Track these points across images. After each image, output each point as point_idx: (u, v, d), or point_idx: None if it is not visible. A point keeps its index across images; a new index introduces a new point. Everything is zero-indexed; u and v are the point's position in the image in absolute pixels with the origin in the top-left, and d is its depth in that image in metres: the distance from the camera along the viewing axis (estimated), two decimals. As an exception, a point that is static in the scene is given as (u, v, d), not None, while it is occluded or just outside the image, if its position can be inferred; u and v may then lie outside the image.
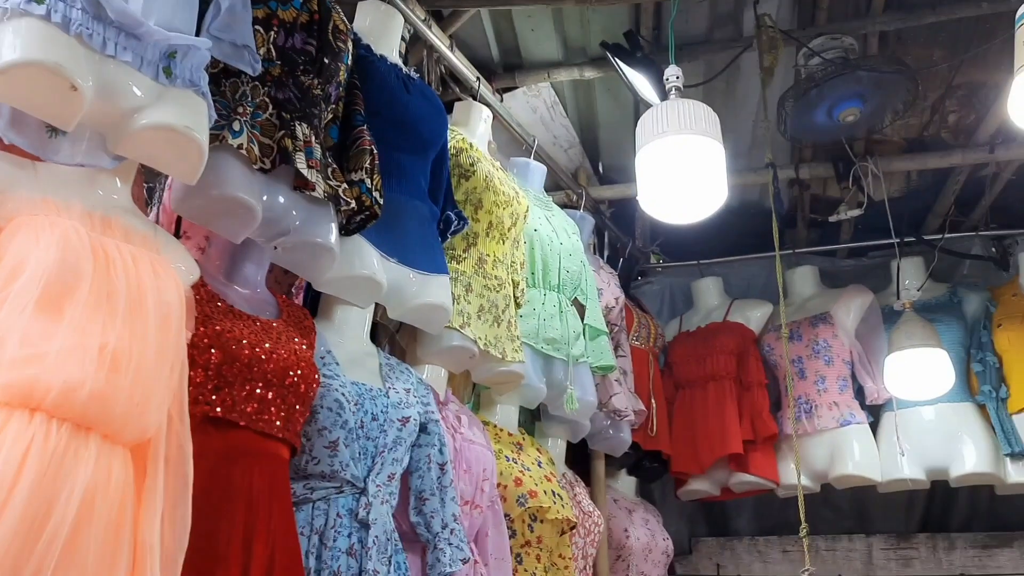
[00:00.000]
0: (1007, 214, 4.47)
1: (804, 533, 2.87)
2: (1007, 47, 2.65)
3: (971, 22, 3.30)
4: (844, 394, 4.22)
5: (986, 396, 4.10)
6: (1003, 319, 4.18)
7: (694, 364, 4.40)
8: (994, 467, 4.01)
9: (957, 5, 3.21)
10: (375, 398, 2.26)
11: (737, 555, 4.80)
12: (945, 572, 4.53)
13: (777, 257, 3.03)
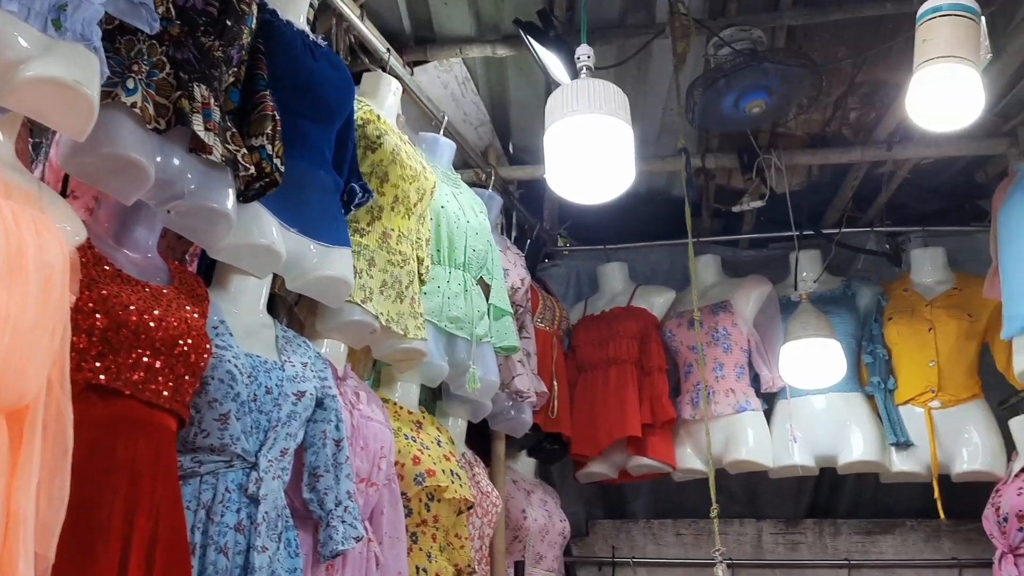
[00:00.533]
0: (901, 212, 4.62)
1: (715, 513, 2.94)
2: (909, 47, 2.73)
3: (875, 21, 3.38)
4: (741, 381, 4.31)
5: (875, 387, 4.25)
6: (894, 313, 4.33)
7: (597, 347, 4.44)
8: (880, 456, 4.16)
9: (862, 4, 3.29)
10: (270, 371, 2.21)
11: (632, 537, 4.87)
12: (830, 557, 4.68)
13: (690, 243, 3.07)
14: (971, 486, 4.08)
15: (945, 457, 4.11)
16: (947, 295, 4.28)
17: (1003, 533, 3.55)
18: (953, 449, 4.10)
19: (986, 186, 4.25)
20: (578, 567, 4.85)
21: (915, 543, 4.66)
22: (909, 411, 4.19)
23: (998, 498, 3.66)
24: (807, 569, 4.69)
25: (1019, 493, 3.54)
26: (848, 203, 4.47)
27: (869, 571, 4.58)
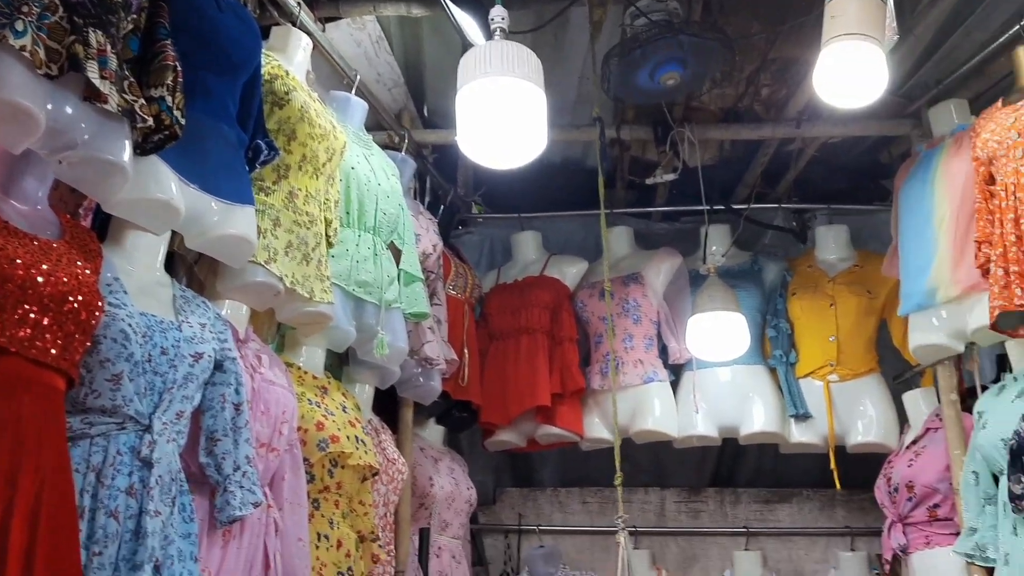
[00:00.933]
0: (809, 189, 4.72)
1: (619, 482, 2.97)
2: (820, 24, 2.77)
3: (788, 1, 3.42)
4: (649, 352, 4.36)
5: (777, 360, 4.35)
6: (797, 289, 4.43)
7: (509, 316, 4.44)
8: (780, 427, 4.26)
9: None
10: (166, 331, 2.13)
11: (539, 505, 4.92)
12: (730, 524, 4.80)
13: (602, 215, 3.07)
14: (865, 457, 4.23)
15: (841, 429, 4.23)
16: (849, 272, 4.39)
17: (893, 503, 3.68)
18: (849, 421, 4.22)
19: (890, 166, 4.37)
20: (485, 534, 4.88)
21: (811, 512, 4.81)
22: (809, 384, 4.30)
23: (890, 469, 3.79)
24: (707, 536, 4.81)
25: (909, 464, 3.67)
26: (758, 179, 4.54)
27: (766, 539, 4.72)
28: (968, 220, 3.29)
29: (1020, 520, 2.92)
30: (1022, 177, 2.96)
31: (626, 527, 3.02)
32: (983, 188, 3.18)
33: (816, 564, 4.65)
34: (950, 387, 3.54)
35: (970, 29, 3.61)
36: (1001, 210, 3.03)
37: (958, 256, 3.33)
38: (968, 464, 3.27)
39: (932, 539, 3.55)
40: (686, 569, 4.74)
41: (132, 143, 1.96)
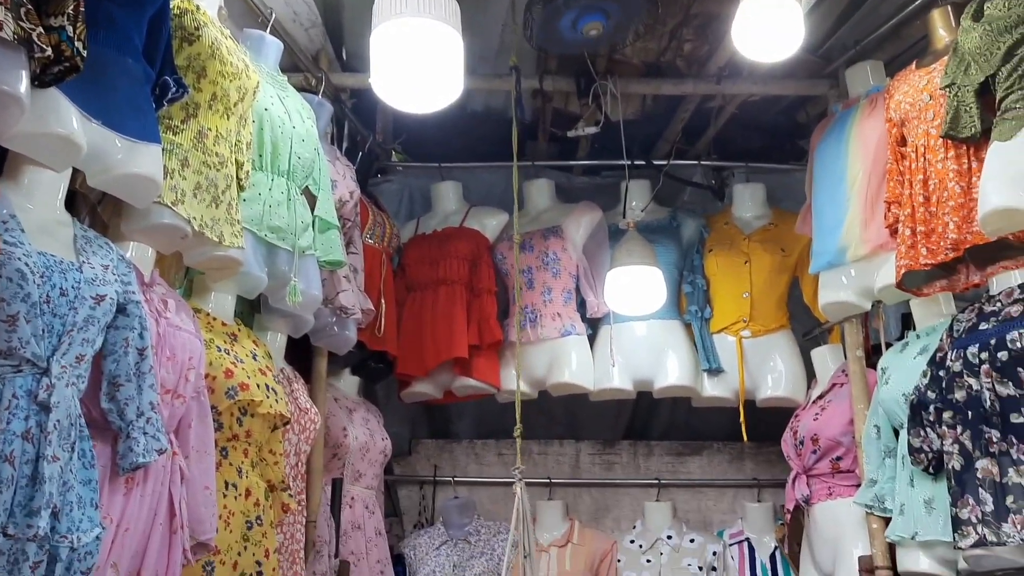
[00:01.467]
0: (728, 146, 4.76)
1: (518, 433, 2.96)
2: (742, -22, 2.77)
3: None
4: (568, 306, 4.38)
5: (692, 315, 4.41)
6: (714, 245, 4.48)
7: (427, 267, 4.40)
8: (693, 381, 4.33)
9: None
10: (65, 272, 2.05)
11: (455, 457, 4.93)
12: (643, 476, 4.89)
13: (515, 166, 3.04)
14: (774, 411, 4.33)
15: (752, 383, 4.32)
16: (764, 230, 4.45)
17: (799, 455, 3.78)
18: (759, 376, 4.31)
19: (807, 126, 4.42)
20: (400, 485, 4.88)
21: (720, 464, 4.92)
22: (722, 339, 4.37)
23: (796, 422, 3.88)
24: (620, 488, 4.88)
25: (815, 418, 3.77)
26: (678, 135, 4.56)
27: (677, 490, 4.81)
28: (880, 180, 3.36)
29: (917, 472, 3.03)
30: (932, 139, 3.03)
31: (522, 478, 3.03)
32: (895, 149, 3.25)
33: (724, 515, 4.77)
34: (856, 344, 3.63)
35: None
36: (911, 171, 3.10)
37: (869, 216, 3.40)
38: (870, 418, 3.37)
39: (834, 490, 3.65)
40: (599, 519, 4.81)
41: (29, 74, 1.87)
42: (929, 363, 3.04)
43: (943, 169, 2.97)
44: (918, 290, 3.16)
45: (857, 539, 3.45)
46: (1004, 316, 2.82)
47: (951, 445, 2.84)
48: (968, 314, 3.01)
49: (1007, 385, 2.72)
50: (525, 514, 3.08)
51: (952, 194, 2.92)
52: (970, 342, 2.87)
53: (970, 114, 2.88)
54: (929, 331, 3.27)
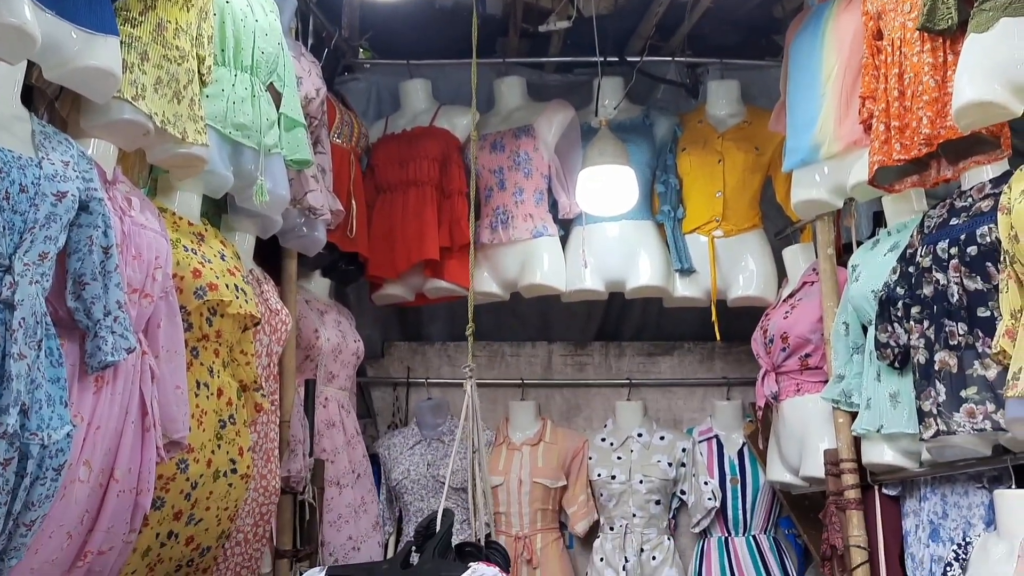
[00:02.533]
0: (702, 43, 4.67)
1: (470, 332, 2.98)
2: None
3: None
4: (539, 207, 4.35)
5: (665, 216, 4.39)
6: (687, 144, 4.44)
7: (396, 168, 4.34)
8: (664, 281, 4.34)
9: None
10: (24, 168, 1.99)
11: (428, 359, 4.95)
12: (614, 376, 4.94)
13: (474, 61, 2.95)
14: (745, 310, 4.36)
15: (724, 283, 4.34)
16: (738, 128, 4.41)
17: (768, 353, 3.83)
18: (731, 276, 4.33)
19: (783, 20, 4.34)
20: (373, 387, 4.91)
21: (691, 363, 4.97)
22: (694, 239, 4.36)
23: (767, 321, 3.92)
24: (591, 388, 4.94)
25: (785, 316, 3.80)
26: (652, 31, 4.46)
27: (647, 390, 4.87)
28: (855, 75, 3.31)
29: (884, 367, 3.08)
30: (908, 32, 2.97)
31: (473, 376, 3.07)
32: (871, 43, 3.19)
33: (694, 413, 4.85)
34: (828, 242, 3.64)
35: None
36: (886, 65, 3.05)
37: (843, 111, 3.36)
38: (840, 315, 3.40)
39: (802, 387, 3.71)
40: (570, 419, 4.88)
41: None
42: (899, 259, 3.06)
43: (919, 63, 2.93)
44: (890, 186, 3.15)
45: (823, 434, 3.52)
46: (975, 211, 2.83)
47: (917, 339, 2.88)
48: (939, 210, 3.02)
49: (975, 279, 2.74)
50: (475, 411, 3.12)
51: (927, 88, 2.89)
52: (940, 237, 2.88)
53: (947, 5, 2.82)
54: (900, 228, 3.28)
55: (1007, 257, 2.59)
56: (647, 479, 4.39)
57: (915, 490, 3.12)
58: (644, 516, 4.39)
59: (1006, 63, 2.57)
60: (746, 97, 4.51)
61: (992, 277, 2.69)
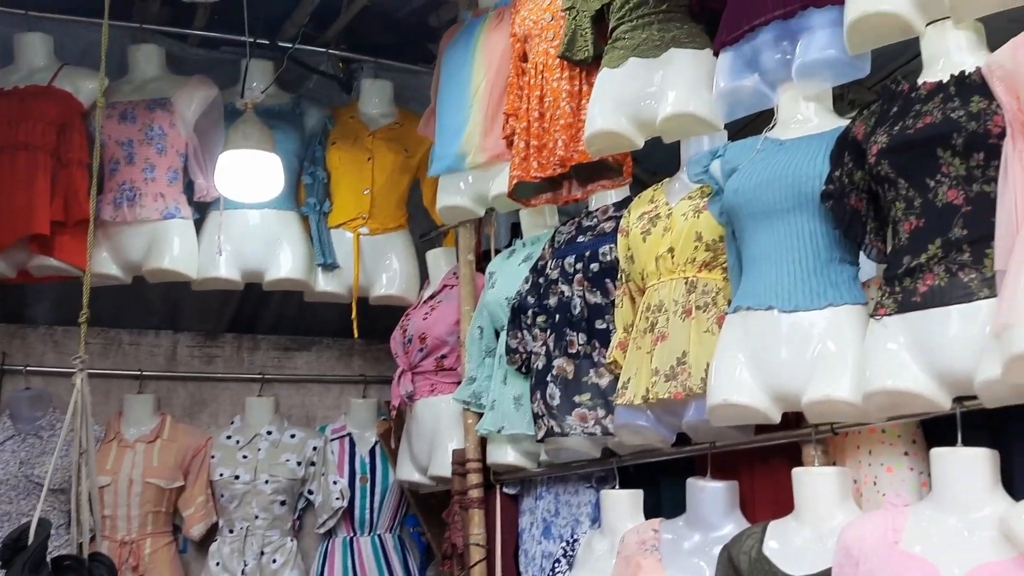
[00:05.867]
0: (359, 39, 4.61)
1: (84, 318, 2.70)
2: None
3: None
4: (173, 186, 4.04)
5: (310, 208, 4.28)
6: (338, 138, 4.37)
7: (5, 128, 3.80)
8: (306, 275, 4.23)
9: None
10: None
11: (29, 344, 4.41)
12: (246, 371, 4.74)
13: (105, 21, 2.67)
14: (386, 309, 4.37)
15: (367, 281, 4.31)
16: (389, 128, 4.42)
17: (406, 352, 3.87)
18: (375, 274, 4.32)
19: (438, 29, 4.40)
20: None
21: (328, 360, 4.90)
22: (340, 235, 4.30)
23: (407, 321, 3.95)
24: (220, 382, 4.70)
25: (425, 317, 3.86)
26: (306, 19, 4.32)
27: (281, 385, 4.73)
28: (501, 92, 3.44)
29: (511, 371, 3.22)
30: (550, 58, 3.14)
31: (84, 368, 2.79)
32: (517, 64, 3.33)
33: (328, 410, 4.78)
34: (468, 248, 3.74)
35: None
36: (529, 87, 3.20)
37: (489, 125, 3.48)
38: (476, 319, 3.51)
39: (436, 387, 3.79)
40: (194, 415, 4.60)
41: None
42: (531, 270, 3.22)
43: (558, 88, 3.10)
44: (527, 201, 3.30)
45: (453, 434, 3.61)
46: (599, 231, 3.04)
47: (540, 347, 3.04)
48: (569, 227, 3.21)
49: (596, 294, 2.94)
50: (84, 407, 2.83)
51: (564, 113, 3.06)
52: (568, 252, 3.06)
53: (585, 38, 3.01)
54: (534, 240, 3.45)
55: (623, 275, 2.81)
56: (273, 479, 4.25)
57: (532, 489, 3.29)
58: (267, 517, 4.24)
59: (633, 99, 2.79)
60: (399, 99, 4.52)
61: (610, 292, 2.90)
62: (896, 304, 2.03)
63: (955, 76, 2.07)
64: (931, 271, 1.97)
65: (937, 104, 2.04)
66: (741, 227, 2.43)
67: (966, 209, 1.95)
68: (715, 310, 2.53)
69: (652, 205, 2.79)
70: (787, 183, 2.33)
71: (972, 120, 1.95)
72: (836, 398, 2.14)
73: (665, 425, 2.64)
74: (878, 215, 2.20)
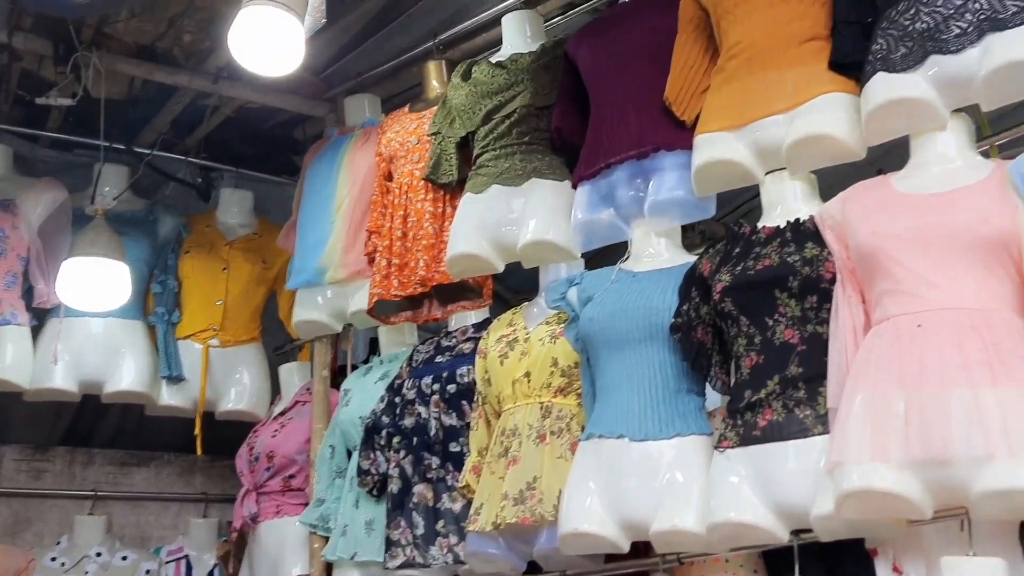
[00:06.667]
0: (220, 148, 4.56)
1: None
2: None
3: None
4: (10, 291, 3.84)
5: (158, 318, 4.12)
6: (192, 247, 4.27)
7: None
8: (148, 387, 4.04)
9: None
10: None
11: None
12: (78, 487, 4.47)
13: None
14: (233, 424, 4.21)
15: (214, 394, 4.16)
16: (247, 239, 4.35)
17: (252, 471, 3.73)
18: (223, 387, 4.17)
19: (303, 143, 4.43)
20: None
21: (169, 476, 4.67)
22: (188, 346, 4.15)
23: (255, 438, 3.83)
24: (48, 499, 4.40)
25: (274, 435, 3.75)
26: (167, 127, 4.28)
27: (115, 503, 4.47)
28: (365, 209, 3.47)
29: (363, 494, 3.14)
30: (415, 179, 3.21)
31: None
32: (381, 183, 3.38)
33: (165, 530, 4.53)
34: (324, 364, 3.69)
35: (393, 33, 3.81)
36: (394, 206, 3.24)
37: (350, 241, 3.49)
38: (327, 438, 3.44)
39: (282, 508, 3.65)
40: (16, 534, 4.27)
41: None
42: (388, 389, 3.19)
43: (421, 209, 3.15)
44: (386, 318, 3.30)
45: (298, 558, 3.48)
46: (457, 352, 3.06)
47: (394, 469, 2.99)
48: (427, 346, 3.22)
49: (452, 416, 2.94)
50: None
51: (426, 233, 3.11)
52: (426, 373, 3.06)
53: (450, 163, 3.10)
54: (392, 358, 3.43)
55: (480, 397, 2.82)
56: (101, 605, 3.97)
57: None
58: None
59: (495, 224, 2.86)
60: (259, 209, 4.47)
61: (466, 415, 2.90)
62: (738, 437, 2.11)
63: (791, 223, 2.23)
64: (770, 406, 2.07)
65: (775, 248, 2.18)
66: (595, 355, 2.49)
67: (801, 348, 2.07)
68: (569, 436, 2.56)
69: (511, 328, 2.84)
70: (639, 314, 2.42)
71: (806, 265, 2.09)
72: (682, 529, 2.19)
73: (516, 553, 2.62)
74: (723, 348, 2.31)
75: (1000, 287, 1.85)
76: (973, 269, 1.85)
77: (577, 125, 2.83)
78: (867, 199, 2.08)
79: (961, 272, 1.85)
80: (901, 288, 1.91)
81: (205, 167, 4.58)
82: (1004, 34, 1.92)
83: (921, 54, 2.03)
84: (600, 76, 2.76)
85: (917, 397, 1.78)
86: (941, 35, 2.00)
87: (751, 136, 2.33)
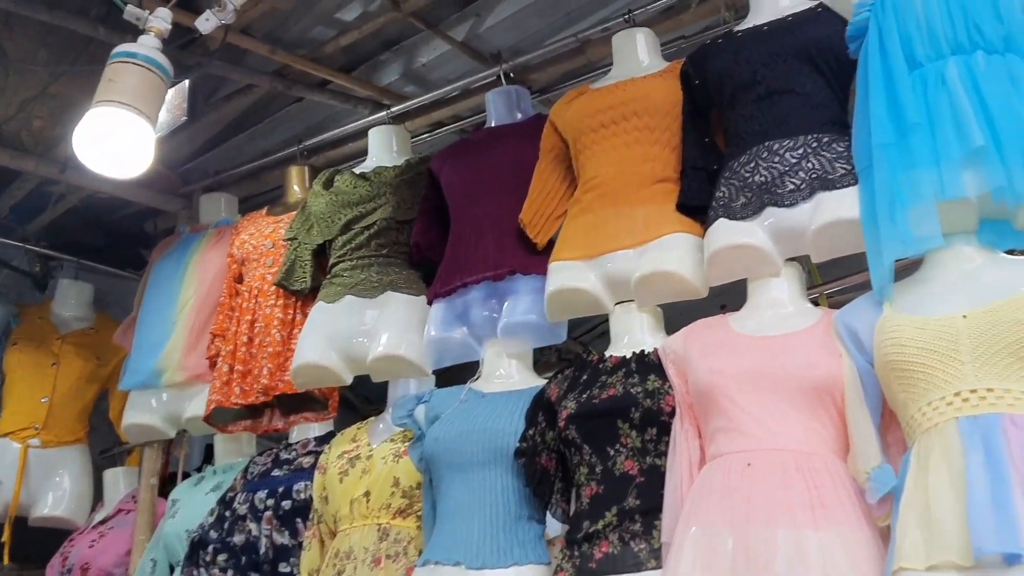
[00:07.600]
0: (62, 237, 4.37)
1: None
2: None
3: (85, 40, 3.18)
4: None
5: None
6: (21, 338, 4.06)
7: None
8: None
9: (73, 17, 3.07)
10: None
11: None
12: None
13: None
14: (48, 532, 3.91)
15: (29, 499, 3.87)
16: (83, 333, 4.15)
17: (64, 584, 3.46)
18: (40, 492, 3.89)
19: (153, 237, 4.28)
20: None
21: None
22: (5, 444, 3.88)
23: (70, 547, 3.58)
24: None
25: (91, 545, 3.50)
26: (6, 212, 4.08)
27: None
28: (211, 311, 3.36)
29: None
30: (267, 284, 3.13)
31: None
32: (231, 284, 3.29)
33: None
34: (153, 471, 3.50)
35: (257, 135, 3.80)
36: (242, 310, 3.15)
37: (193, 343, 3.36)
38: (150, 551, 3.23)
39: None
40: None
41: None
42: (219, 501, 3.03)
43: (270, 314, 3.08)
44: (224, 426, 3.17)
45: None
46: (296, 466, 2.94)
47: (221, 588, 2.82)
48: (265, 458, 3.09)
49: (284, 534, 2.81)
50: None
51: (273, 340, 3.03)
52: (261, 487, 2.93)
53: (304, 269, 3.06)
54: (227, 468, 3.27)
55: (315, 515, 2.71)
56: None
57: None
58: None
59: (346, 335, 2.82)
60: (99, 303, 4.28)
61: (300, 533, 2.78)
62: (575, 568, 2.09)
63: (636, 354, 2.28)
64: (607, 538, 2.06)
65: (620, 378, 2.21)
66: (439, 476, 2.44)
67: (640, 480, 2.09)
68: (405, 560, 2.49)
69: (354, 444, 2.76)
70: (485, 437, 2.39)
71: (648, 397, 2.13)
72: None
73: None
74: (566, 476, 2.30)
75: (823, 430, 1.93)
76: (800, 412, 1.92)
77: (436, 241, 2.84)
78: (706, 336, 2.15)
79: (789, 414, 1.93)
80: (733, 426, 1.96)
81: (44, 255, 4.37)
82: (833, 193, 2.06)
83: (759, 205, 2.15)
84: (462, 196, 2.80)
85: (744, 535, 1.81)
86: (777, 189, 2.14)
87: (602, 267, 2.39)
